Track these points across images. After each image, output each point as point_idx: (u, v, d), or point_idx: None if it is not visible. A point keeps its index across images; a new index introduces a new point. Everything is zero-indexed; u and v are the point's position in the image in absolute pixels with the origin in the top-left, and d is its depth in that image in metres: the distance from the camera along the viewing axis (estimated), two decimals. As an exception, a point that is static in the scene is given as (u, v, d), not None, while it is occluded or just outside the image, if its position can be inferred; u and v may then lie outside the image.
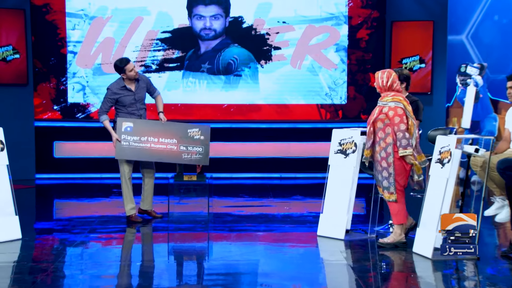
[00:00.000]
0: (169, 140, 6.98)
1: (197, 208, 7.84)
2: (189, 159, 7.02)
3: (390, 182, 5.79)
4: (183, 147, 7.00)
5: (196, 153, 7.02)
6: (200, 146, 7.01)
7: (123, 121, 6.86)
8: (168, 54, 10.43)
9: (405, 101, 5.80)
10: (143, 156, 6.91)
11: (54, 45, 10.28)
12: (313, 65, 10.51)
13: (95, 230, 6.56)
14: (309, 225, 6.78)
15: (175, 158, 7.01)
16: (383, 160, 5.81)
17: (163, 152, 6.95)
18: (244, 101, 10.52)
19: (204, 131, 7.04)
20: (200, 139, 7.02)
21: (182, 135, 6.99)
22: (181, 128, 7.02)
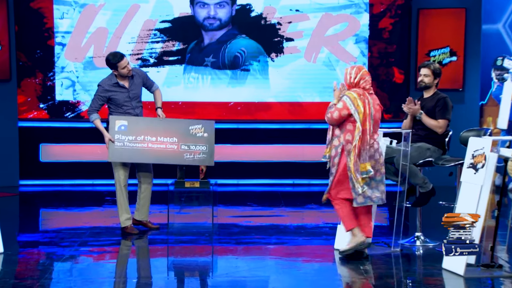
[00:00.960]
0: (169, 139, 6.98)
1: (200, 218, 7.84)
2: (192, 160, 7.01)
3: (329, 182, 6.03)
4: (184, 146, 7.00)
5: (200, 153, 7.01)
6: (203, 145, 7.01)
7: (116, 119, 6.87)
8: (167, 46, 10.45)
9: (360, 100, 5.86)
10: (140, 157, 6.91)
11: (40, 36, 10.32)
12: (329, 59, 10.50)
13: (86, 243, 6.57)
14: (325, 238, 6.77)
15: (176, 158, 7.00)
16: (331, 159, 6.03)
17: (163, 152, 6.95)
18: (252, 99, 10.52)
19: (207, 127, 7.03)
20: (203, 137, 7.01)
21: (183, 132, 6.98)
22: (181, 125, 7.02)
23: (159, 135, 6.95)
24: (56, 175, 10.47)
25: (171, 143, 6.97)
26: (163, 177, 8.34)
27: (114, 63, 6.81)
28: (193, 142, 6.99)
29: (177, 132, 6.98)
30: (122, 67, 6.81)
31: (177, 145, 6.98)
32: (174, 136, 6.98)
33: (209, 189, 7.41)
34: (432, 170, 6.88)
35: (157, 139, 6.95)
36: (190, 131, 7.00)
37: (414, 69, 10.44)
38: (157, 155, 6.95)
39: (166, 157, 6.98)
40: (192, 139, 6.99)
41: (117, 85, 6.88)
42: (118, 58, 6.82)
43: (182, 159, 7.00)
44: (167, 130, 6.96)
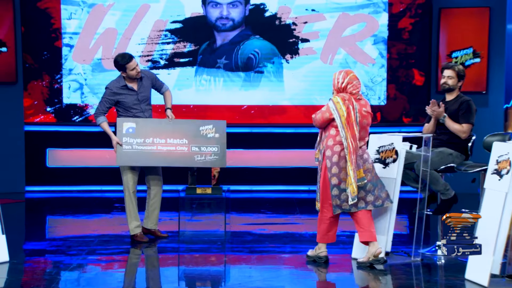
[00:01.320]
0: (179, 140, 6.98)
1: (212, 226, 7.84)
2: (203, 161, 7.00)
3: (317, 189, 6.11)
4: (195, 148, 6.99)
5: (211, 154, 7.00)
6: (215, 146, 7.00)
7: (124, 122, 6.88)
8: (178, 47, 10.47)
9: (344, 104, 5.91)
10: (149, 160, 6.91)
11: (47, 37, 10.38)
12: (347, 60, 10.49)
13: (94, 251, 6.59)
14: (342, 246, 6.75)
15: (187, 161, 6.99)
16: (319, 163, 6.08)
17: (172, 154, 6.95)
18: (266, 102, 10.52)
19: (219, 127, 7.01)
20: (214, 138, 7.00)
21: (193, 134, 6.98)
22: (191, 126, 7.01)
23: (169, 136, 6.95)
24: (63, 181, 10.51)
25: (181, 144, 6.97)
26: (173, 183, 8.36)
27: (123, 64, 6.83)
28: (204, 143, 6.98)
29: (187, 133, 6.97)
30: (131, 68, 6.82)
31: (187, 147, 6.98)
32: (184, 138, 6.97)
33: (222, 196, 7.40)
34: (454, 177, 6.84)
35: (166, 141, 6.95)
36: (200, 132, 6.99)
37: (435, 71, 10.40)
38: (167, 157, 6.95)
39: (176, 160, 6.97)
40: (203, 140, 6.98)
41: (126, 88, 6.89)
42: (127, 59, 6.83)
43: (193, 161, 6.99)
44: (177, 131, 6.96)
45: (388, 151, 6.25)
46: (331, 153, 5.98)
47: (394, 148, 6.23)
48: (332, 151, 5.97)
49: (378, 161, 6.28)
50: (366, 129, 6.08)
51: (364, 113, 6.04)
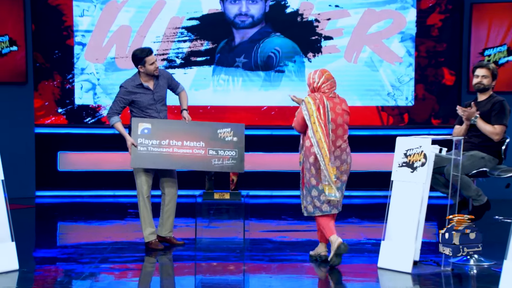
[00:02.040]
0: (195, 143, 6.98)
1: (230, 233, 7.84)
2: (220, 166, 7.00)
3: (301, 193, 6.35)
4: (212, 151, 7.00)
5: (229, 158, 7.01)
6: (233, 150, 7.00)
7: (139, 122, 6.89)
8: (195, 45, 10.49)
9: (315, 104, 6.16)
10: (165, 163, 6.92)
11: (58, 35, 10.44)
12: (372, 59, 10.45)
13: (107, 259, 6.60)
14: (367, 255, 6.72)
15: (203, 164, 7.00)
16: (302, 164, 6.31)
17: (189, 158, 6.95)
18: (287, 103, 10.47)
19: (237, 131, 7.02)
20: (232, 141, 7.01)
21: (210, 136, 6.99)
22: (209, 129, 7.02)
23: (185, 139, 6.96)
24: (75, 186, 10.55)
25: (198, 147, 6.98)
26: (190, 188, 8.36)
27: (142, 57, 6.83)
28: (221, 147, 6.99)
29: (204, 136, 6.98)
30: (150, 62, 6.84)
31: (204, 150, 6.98)
32: (201, 140, 6.98)
33: (240, 201, 7.39)
34: (486, 182, 6.79)
35: (183, 144, 6.96)
36: (218, 135, 7.01)
37: (466, 70, 10.34)
38: (183, 160, 6.95)
39: (193, 163, 6.98)
40: (221, 144, 6.99)
41: (141, 87, 6.90)
42: (147, 53, 6.85)
43: (210, 165, 7.00)
44: (194, 133, 6.97)
45: (416, 155, 6.22)
46: (308, 154, 6.22)
47: (422, 152, 6.19)
48: (310, 152, 6.21)
49: (405, 165, 6.25)
50: (343, 128, 6.31)
51: (338, 111, 6.26)
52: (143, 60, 6.84)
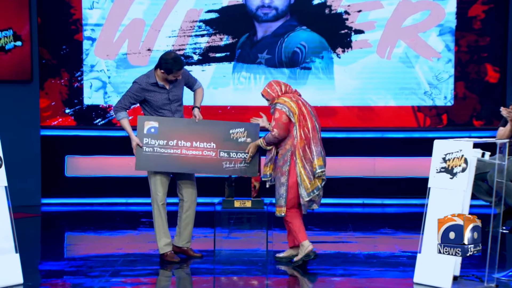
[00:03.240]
0: (206, 144, 6.98)
1: (252, 244, 7.83)
2: (232, 169, 7.00)
3: (281, 193, 6.72)
4: (223, 154, 6.99)
5: (241, 161, 7.00)
6: (246, 152, 7.01)
7: (146, 120, 6.89)
8: (214, 40, 10.50)
9: (292, 101, 6.71)
10: (172, 166, 6.91)
11: (66, 30, 10.49)
12: (407, 54, 10.41)
13: (118, 272, 6.62)
14: (402, 269, 6.70)
15: (213, 168, 6.99)
16: (278, 169, 6.74)
17: (198, 160, 6.94)
18: (314, 102, 10.43)
19: (251, 131, 7.01)
20: (245, 143, 7.01)
21: (222, 137, 6.98)
22: (221, 129, 7.01)
23: (195, 139, 6.95)
24: (83, 193, 10.60)
25: (208, 149, 6.98)
26: (208, 195, 8.36)
27: (170, 69, 6.78)
28: (233, 149, 6.99)
29: (215, 136, 6.98)
30: (175, 75, 6.83)
31: (215, 152, 6.98)
32: (212, 141, 6.98)
33: (263, 210, 7.39)
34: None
35: (192, 145, 6.96)
36: (230, 136, 7.00)
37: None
38: (191, 163, 6.94)
39: (202, 166, 6.97)
40: (233, 145, 6.99)
41: (156, 85, 6.90)
42: (179, 67, 6.78)
43: (220, 169, 6.99)
44: (204, 134, 6.96)
45: (456, 159, 6.18)
46: (292, 153, 6.71)
47: (463, 156, 6.15)
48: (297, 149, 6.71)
49: (444, 171, 6.21)
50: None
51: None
52: (171, 71, 6.81)
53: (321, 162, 6.77)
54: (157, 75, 6.90)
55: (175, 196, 7.16)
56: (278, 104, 6.71)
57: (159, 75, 6.88)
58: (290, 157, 6.69)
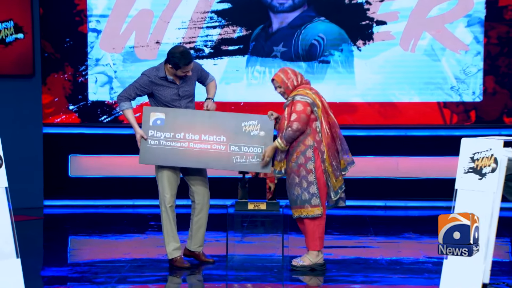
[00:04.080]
0: (216, 137, 6.94)
1: (267, 249, 7.83)
2: (243, 165, 6.95)
3: (313, 192, 6.66)
4: (234, 148, 6.96)
5: (253, 156, 6.95)
6: (258, 146, 6.95)
7: (152, 111, 6.88)
8: (227, 32, 10.51)
9: (314, 93, 6.74)
10: (178, 160, 6.87)
11: (70, 21, 10.52)
12: (433, 47, 10.38)
13: (125, 279, 6.64)
14: (427, 276, 6.69)
15: (223, 163, 6.95)
16: (301, 167, 6.65)
17: (207, 154, 6.90)
18: (333, 98, 10.47)
19: (264, 124, 6.96)
20: (258, 136, 6.96)
21: (233, 130, 6.94)
22: (232, 121, 6.97)
23: (204, 132, 6.92)
24: (88, 194, 10.63)
25: (218, 142, 6.94)
26: (220, 197, 8.37)
27: (179, 64, 6.78)
28: (245, 143, 6.94)
29: (226, 129, 6.94)
30: (184, 70, 6.82)
31: (225, 146, 6.94)
32: (222, 134, 6.93)
33: (279, 212, 7.38)
34: None
35: (200, 138, 6.92)
36: (242, 129, 6.96)
37: (546, 59, 10.26)
38: (199, 157, 6.90)
39: (210, 161, 6.93)
40: (245, 139, 6.94)
41: (165, 79, 6.90)
42: (187, 61, 6.77)
43: (230, 164, 6.95)
44: (214, 126, 6.92)
45: (485, 159, 6.16)
46: (316, 148, 6.69)
47: (492, 155, 6.13)
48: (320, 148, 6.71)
49: (472, 171, 6.19)
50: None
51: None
52: (179, 67, 6.80)
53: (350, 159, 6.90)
54: (167, 69, 6.90)
55: (187, 197, 7.16)
56: (299, 96, 6.67)
57: (169, 70, 6.88)
58: (313, 153, 6.67)
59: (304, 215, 6.68)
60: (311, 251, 6.77)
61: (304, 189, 6.66)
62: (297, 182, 6.68)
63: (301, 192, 6.66)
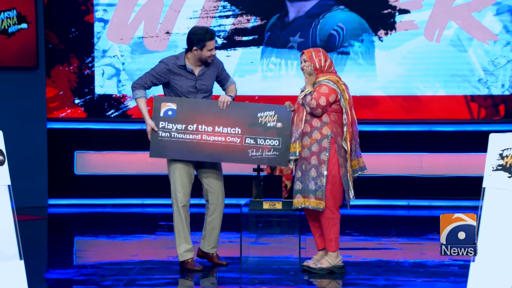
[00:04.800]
0: (230, 129, 6.93)
1: (283, 251, 7.84)
2: (259, 158, 6.94)
3: (319, 184, 6.60)
4: (250, 140, 6.94)
5: (270, 149, 6.93)
6: (275, 138, 6.94)
7: (163, 101, 6.87)
8: (240, 22, 10.51)
9: (342, 84, 6.71)
10: (190, 153, 6.86)
11: (76, 11, 10.55)
12: (459, 37, 10.36)
13: (134, 282, 6.66)
14: (453, 280, 6.68)
15: (238, 156, 6.93)
16: (313, 156, 6.62)
17: (220, 147, 6.89)
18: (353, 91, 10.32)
19: (282, 115, 6.94)
20: (275, 128, 6.94)
21: (249, 121, 6.92)
22: (248, 112, 6.95)
23: (217, 124, 6.90)
24: (95, 193, 10.66)
25: (232, 135, 6.92)
26: (233, 196, 8.37)
27: (204, 39, 6.79)
28: (261, 135, 6.92)
29: (241, 120, 6.91)
30: (209, 47, 6.81)
31: (240, 138, 6.93)
32: (237, 126, 6.92)
33: (295, 212, 7.38)
34: None
35: (214, 130, 6.91)
36: (258, 120, 6.93)
37: None
38: (213, 151, 6.88)
39: (224, 154, 6.91)
40: (261, 131, 6.92)
41: (184, 69, 6.90)
42: (211, 35, 6.82)
43: (246, 157, 6.93)
44: (228, 117, 6.90)
45: (514, 156, 6.14)
46: (333, 140, 6.65)
47: (522, 152, 6.11)
48: (333, 139, 6.66)
49: (501, 169, 6.17)
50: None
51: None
52: (204, 44, 6.81)
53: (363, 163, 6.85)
54: (187, 58, 6.90)
55: (200, 196, 7.16)
56: (328, 80, 6.65)
57: (191, 58, 6.88)
58: (330, 144, 6.63)
59: (306, 205, 6.69)
60: (330, 253, 6.77)
61: (312, 178, 6.64)
62: (306, 170, 6.66)
63: (308, 181, 6.65)
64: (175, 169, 6.93)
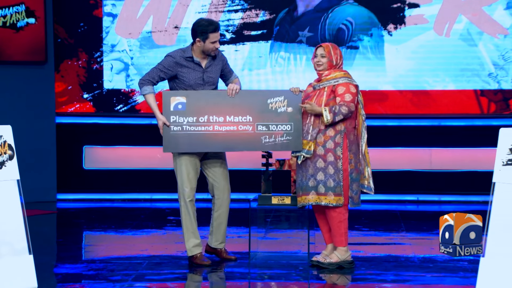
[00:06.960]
0: (241, 118, 6.92)
1: (292, 246, 7.84)
2: (273, 144, 6.93)
3: (337, 180, 6.64)
4: (262, 127, 6.94)
5: (283, 134, 6.92)
6: (287, 123, 6.93)
7: (172, 96, 6.88)
8: (249, 16, 10.50)
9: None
10: (204, 145, 6.85)
11: (84, 5, 10.55)
12: (469, 31, 10.34)
13: (142, 276, 6.66)
14: (463, 275, 6.68)
15: (252, 144, 6.93)
16: (329, 152, 6.62)
17: (233, 136, 6.89)
18: (362, 86, 10.32)
19: (292, 100, 6.93)
20: (286, 112, 6.93)
21: (259, 108, 6.91)
22: (257, 99, 6.95)
23: (228, 113, 6.90)
24: (104, 187, 10.67)
25: (244, 123, 6.92)
26: (242, 191, 8.38)
27: (207, 31, 6.82)
28: (273, 121, 6.92)
29: (251, 108, 6.91)
30: (212, 40, 6.83)
31: (252, 126, 6.92)
32: (248, 114, 6.91)
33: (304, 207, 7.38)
34: None
35: (225, 119, 6.91)
36: (268, 106, 6.93)
37: None
38: (226, 140, 6.88)
39: (238, 143, 6.91)
40: (272, 117, 6.91)
41: (191, 61, 6.91)
42: (214, 27, 6.84)
43: (259, 144, 6.92)
44: (239, 106, 6.90)
45: (524, 150, 6.13)
46: (346, 135, 6.68)
47: (533, 146, 6.10)
48: (344, 136, 6.68)
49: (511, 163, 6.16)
50: None
51: None
52: (207, 35, 6.83)
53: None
54: (193, 50, 6.92)
55: (207, 191, 7.16)
56: (348, 78, 6.71)
57: (196, 50, 6.90)
58: (343, 140, 6.65)
59: (324, 203, 6.65)
60: (339, 248, 6.77)
61: (330, 175, 6.61)
62: (323, 167, 6.62)
63: (325, 179, 6.62)
64: (182, 163, 6.93)
